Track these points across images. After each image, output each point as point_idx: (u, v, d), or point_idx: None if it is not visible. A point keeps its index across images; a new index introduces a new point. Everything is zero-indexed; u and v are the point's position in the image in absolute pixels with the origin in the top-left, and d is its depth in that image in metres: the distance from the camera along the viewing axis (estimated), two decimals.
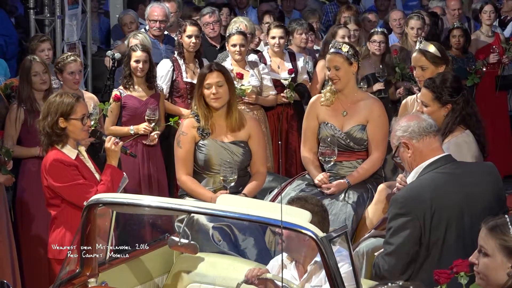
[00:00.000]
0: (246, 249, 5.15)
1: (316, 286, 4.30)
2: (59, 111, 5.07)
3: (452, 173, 4.17)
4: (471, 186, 4.16)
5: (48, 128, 5.08)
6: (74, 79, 6.75)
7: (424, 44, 5.88)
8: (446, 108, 5.08)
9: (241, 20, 8.27)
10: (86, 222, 4.35)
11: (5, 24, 8.43)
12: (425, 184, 4.11)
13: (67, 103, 5.09)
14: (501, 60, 9.18)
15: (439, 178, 4.13)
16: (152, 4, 8.52)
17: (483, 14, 9.58)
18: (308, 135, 5.92)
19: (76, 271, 4.47)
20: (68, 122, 5.09)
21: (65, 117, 5.08)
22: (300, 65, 8.18)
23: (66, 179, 5.02)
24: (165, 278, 5.04)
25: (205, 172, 5.57)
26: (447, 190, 4.10)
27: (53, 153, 5.09)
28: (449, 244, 4.06)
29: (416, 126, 4.22)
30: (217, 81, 5.49)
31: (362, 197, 5.62)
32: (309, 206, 4.36)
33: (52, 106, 5.11)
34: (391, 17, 9.55)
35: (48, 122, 5.08)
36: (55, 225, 5.19)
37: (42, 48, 7.18)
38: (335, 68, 5.77)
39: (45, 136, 5.12)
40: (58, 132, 5.09)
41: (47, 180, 5.10)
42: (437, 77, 5.22)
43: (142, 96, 7.13)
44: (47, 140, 5.13)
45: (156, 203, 4.39)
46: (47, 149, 5.15)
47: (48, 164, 5.08)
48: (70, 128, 5.10)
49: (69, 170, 5.05)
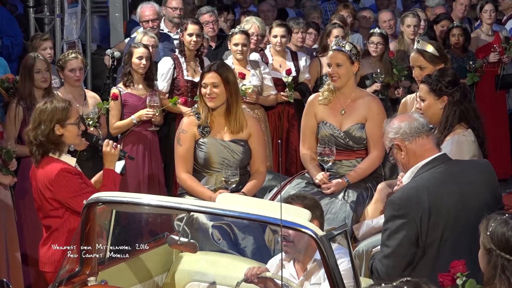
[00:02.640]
0: (245, 247, 5.15)
1: (315, 284, 4.31)
2: (54, 118, 4.88)
3: (448, 173, 4.15)
4: (467, 185, 4.14)
5: (42, 137, 4.86)
6: (75, 76, 6.75)
7: (422, 44, 5.87)
8: (442, 101, 5.07)
9: (254, 21, 8.25)
10: (86, 221, 4.35)
11: (12, 25, 8.42)
12: (421, 185, 4.09)
13: (62, 108, 4.91)
14: (502, 59, 9.18)
15: (434, 178, 4.11)
16: (141, 5, 8.46)
17: (483, 13, 9.57)
18: (307, 134, 5.92)
19: (75, 269, 4.47)
20: (64, 128, 4.91)
21: (61, 124, 4.90)
22: (302, 64, 8.18)
23: (75, 188, 4.86)
24: (165, 276, 5.04)
25: (205, 170, 5.57)
26: (443, 191, 4.08)
27: (56, 164, 4.88)
28: (445, 244, 4.05)
29: (407, 127, 4.18)
30: (212, 82, 5.49)
31: (361, 196, 5.62)
32: (309, 201, 4.38)
33: (44, 113, 4.89)
34: (380, 19, 9.42)
35: (42, 130, 4.86)
36: (56, 237, 4.97)
37: (44, 46, 7.18)
38: (337, 65, 5.76)
39: (38, 146, 4.89)
40: (55, 140, 4.90)
41: (51, 192, 4.87)
42: (434, 72, 5.24)
43: (142, 94, 7.14)
44: (41, 150, 4.90)
45: (155, 202, 4.38)
46: (39, 160, 4.91)
47: (54, 175, 4.84)
48: (66, 134, 4.93)
49: (76, 179, 4.88)
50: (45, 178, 4.88)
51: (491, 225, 3.15)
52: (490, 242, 3.13)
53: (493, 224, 3.15)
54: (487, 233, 3.15)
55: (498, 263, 3.11)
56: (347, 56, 5.76)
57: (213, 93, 5.49)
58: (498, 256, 3.11)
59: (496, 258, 3.11)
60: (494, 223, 3.15)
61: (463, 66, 8.79)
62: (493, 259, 3.12)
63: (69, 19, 8.32)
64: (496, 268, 3.11)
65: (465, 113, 5.09)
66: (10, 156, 5.99)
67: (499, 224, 3.14)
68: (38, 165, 4.93)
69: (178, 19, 8.68)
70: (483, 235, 3.17)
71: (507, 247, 3.10)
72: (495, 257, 3.11)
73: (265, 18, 9.56)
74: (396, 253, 4.05)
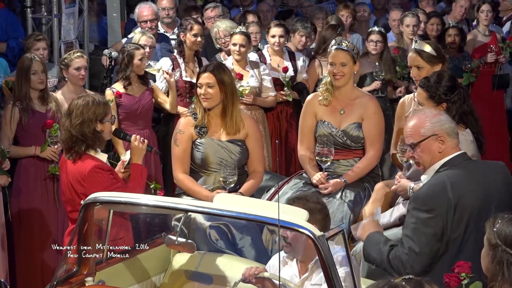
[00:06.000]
0: (243, 248, 5.16)
1: (315, 284, 4.30)
2: (97, 114, 4.96)
3: (470, 170, 4.21)
4: (488, 183, 4.19)
5: (89, 133, 4.94)
6: (80, 75, 6.76)
7: (420, 44, 5.88)
8: (441, 107, 5.09)
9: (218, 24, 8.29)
10: (84, 221, 4.35)
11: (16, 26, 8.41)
12: (446, 181, 4.13)
13: (103, 104, 5.00)
14: (498, 59, 9.19)
15: (458, 175, 4.16)
16: (139, 5, 8.45)
17: (480, 13, 9.58)
18: (305, 134, 5.92)
19: (73, 269, 4.47)
20: (103, 125, 5.00)
21: (101, 120, 4.99)
22: (300, 64, 8.18)
23: (106, 184, 4.89)
24: (162, 277, 5.04)
25: (202, 170, 5.57)
26: (467, 188, 4.13)
27: (90, 160, 4.94)
28: (468, 240, 4.09)
29: (452, 124, 4.26)
30: (207, 82, 5.50)
31: (359, 196, 5.63)
32: (311, 205, 4.36)
33: (85, 109, 4.95)
34: (390, 17, 9.55)
35: (89, 126, 4.93)
36: None
37: (37, 47, 7.17)
38: (341, 64, 5.77)
39: (82, 141, 4.94)
40: (98, 137, 4.98)
41: (84, 187, 4.91)
42: (432, 76, 5.24)
43: (136, 92, 7.14)
44: (83, 146, 4.95)
45: (153, 202, 4.38)
46: (81, 154, 4.96)
47: (88, 171, 4.89)
48: (104, 131, 5.02)
49: (107, 176, 4.94)
50: (78, 173, 4.94)
51: (498, 222, 3.21)
52: (496, 238, 3.18)
53: (500, 221, 3.21)
54: (494, 229, 3.20)
55: (503, 259, 3.16)
56: (351, 56, 5.78)
57: (207, 94, 5.50)
58: (504, 251, 3.16)
59: (502, 253, 3.16)
60: (501, 221, 3.21)
61: (459, 66, 8.80)
62: (498, 255, 3.17)
63: (66, 19, 8.31)
64: (501, 264, 3.15)
65: (463, 117, 5.11)
66: (4, 156, 6.00)
67: (507, 221, 3.21)
68: (76, 160, 4.96)
69: (168, 19, 8.68)
70: (489, 231, 3.22)
71: None
72: (501, 253, 3.16)
73: (264, 18, 9.55)
74: (423, 248, 4.07)
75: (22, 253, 6.47)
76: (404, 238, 4.18)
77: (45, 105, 6.57)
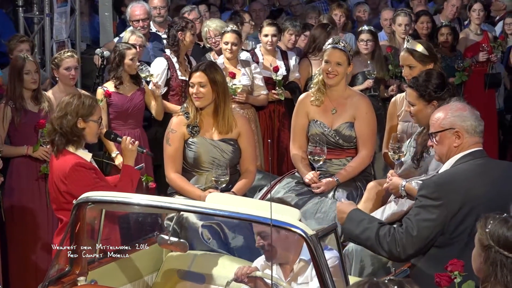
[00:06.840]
0: (235, 247, 5.16)
1: (302, 283, 4.31)
2: (79, 111, 5.01)
3: (485, 167, 4.20)
4: (502, 181, 4.19)
5: (67, 127, 5.00)
6: (70, 75, 6.74)
7: (412, 43, 5.88)
8: (432, 105, 5.08)
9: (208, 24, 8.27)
10: (76, 221, 4.34)
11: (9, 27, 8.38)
12: (459, 173, 4.13)
13: (88, 104, 5.05)
14: (490, 58, 9.21)
15: (472, 170, 4.16)
16: (131, 5, 8.42)
17: (472, 12, 9.60)
18: (297, 133, 5.92)
19: (65, 269, 4.46)
20: (86, 124, 5.04)
21: (84, 118, 5.03)
22: (292, 64, 8.19)
23: (88, 183, 4.90)
24: (155, 276, 5.04)
25: (194, 170, 5.57)
26: (480, 183, 4.13)
27: (72, 157, 4.99)
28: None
29: (474, 124, 4.22)
30: (199, 81, 5.50)
31: (351, 195, 5.63)
32: None
33: (69, 106, 5.03)
34: (382, 17, 9.55)
35: (68, 121, 5.00)
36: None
37: (20, 48, 7.10)
38: (337, 63, 5.77)
39: (61, 135, 5.01)
40: (77, 133, 5.02)
41: (65, 185, 4.96)
42: (420, 75, 5.23)
43: (127, 92, 7.13)
44: (63, 140, 5.02)
45: (145, 201, 4.38)
46: (61, 149, 5.03)
47: (68, 169, 4.94)
48: (87, 130, 5.05)
49: (90, 174, 4.96)
50: (60, 171, 4.98)
51: (490, 223, 3.18)
52: (489, 239, 3.15)
53: (492, 222, 3.18)
54: (486, 230, 3.17)
55: (497, 260, 3.13)
56: (346, 56, 5.78)
57: (199, 93, 5.50)
58: (497, 252, 3.13)
59: (495, 254, 3.13)
60: (493, 221, 3.18)
61: (451, 66, 8.82)
62: (491, 256, 3.14)
63: (58, 19, 8.29)
64: (494, 265, 3.13)
65: None
66: None
67: (499, 222, 3.18)
68: (58, 155, 5.04)
69: (160, 18, 8.65)
70: (481, 232, 3.19)
71: (507, 244, 3.12)
72: (494, 254, 3.13)
73: (257, 17, 9.55)
74: (420, 232, 4.07)
75: (15, 253, 6.46)
76: (404, 219, 4.19)
77: (37, 105, 6.56)
